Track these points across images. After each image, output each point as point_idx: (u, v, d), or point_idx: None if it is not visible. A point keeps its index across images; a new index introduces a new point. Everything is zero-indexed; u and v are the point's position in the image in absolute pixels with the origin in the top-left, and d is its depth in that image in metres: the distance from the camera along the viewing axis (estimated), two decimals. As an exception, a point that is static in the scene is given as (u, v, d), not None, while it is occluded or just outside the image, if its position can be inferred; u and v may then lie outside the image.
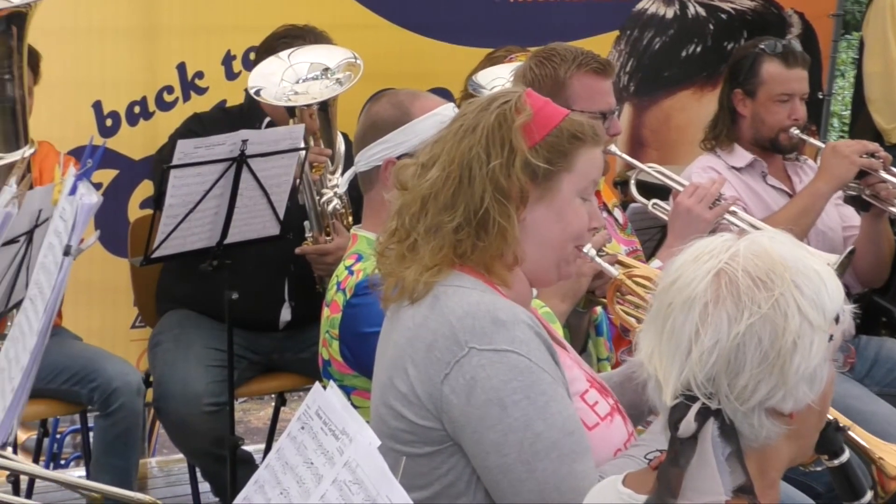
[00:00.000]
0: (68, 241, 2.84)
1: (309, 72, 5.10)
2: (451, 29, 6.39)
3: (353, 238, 3.75)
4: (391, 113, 3.70)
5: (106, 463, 5.00)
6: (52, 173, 4.32)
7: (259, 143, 4.62)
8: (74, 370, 4.96)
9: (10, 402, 2.79)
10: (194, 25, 6.00)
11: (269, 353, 5.40)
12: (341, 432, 2.14)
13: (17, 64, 4.58)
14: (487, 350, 2.70)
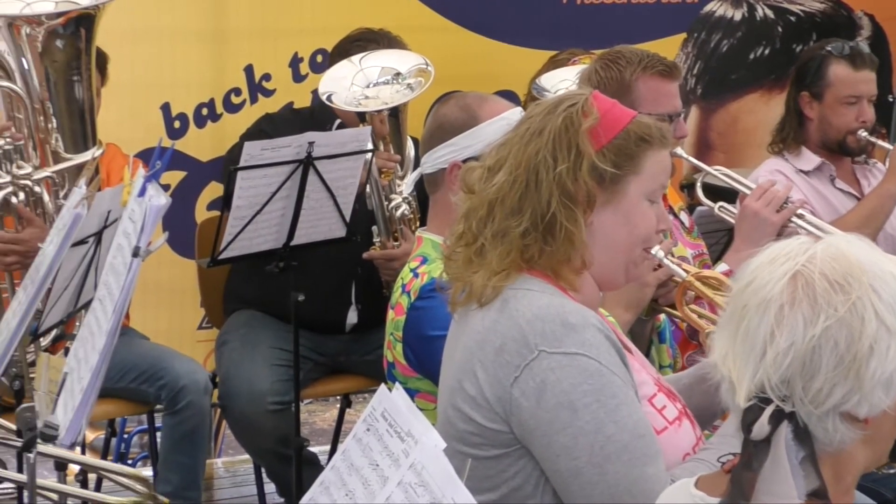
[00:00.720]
0: (137, 243, 2.85)
1: (380, 76, 5.11)
2: (517, 31, 6.38)
3: (418, 240, 3.75)
4: (458, 116, 3.70)
5: (173, 461, 5.03)
6: (121, 175, 4.34)
7: (326, 145, 4.63)
8: (142, 368, 5.00)
9: (80, 401, 2.81)
10: (262, 28, 6.02)
11: (335, 354, 5.42)
12: (407, 434, 2.14)
13: (85, 66, 4.62)
14: (557, 353, 2.69)
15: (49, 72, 4.58)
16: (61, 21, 4.54)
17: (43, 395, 3.04)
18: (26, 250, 4.44)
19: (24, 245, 4.51)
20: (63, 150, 4.63)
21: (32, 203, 4.59)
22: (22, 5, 4.54)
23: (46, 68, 4.57)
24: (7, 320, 3.59)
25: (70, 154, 4.65)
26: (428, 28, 6.18)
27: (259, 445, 5.24)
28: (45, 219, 4.57)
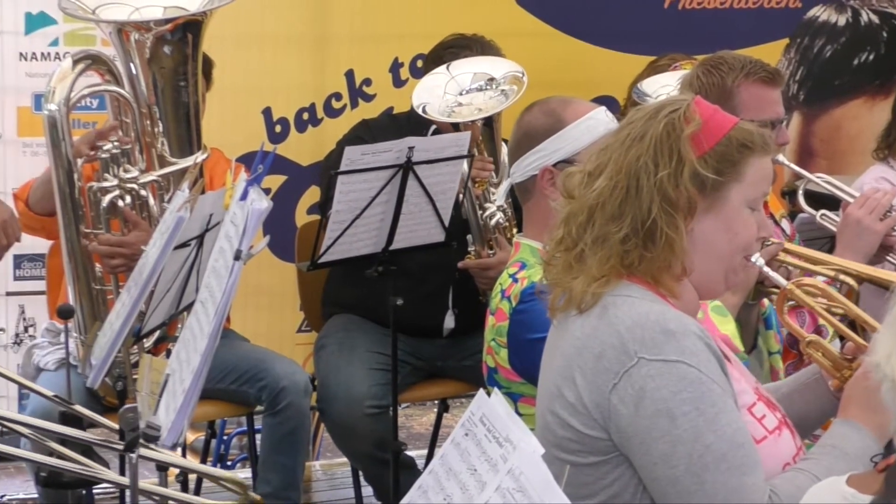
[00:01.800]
0: (239, 246, 2.87)
1: (472, 82, 5.12)
2: (618, 36, 6.36)
3: (515, 246, 3.76)
4: (544, 121, 3.71)
5: (273, 461, 5.06)
6: (223, 179, 4.38)
7: (425, 149, 4.64)
8: (243, 370, 5.03)
9: (181, 403, 2.84)
10: (363, 33, 6.06)
11: (432, 359, 5.43)
12: (505, 440, 2.14)
13: (191, 71, 4.67)
14: (657, 360, 2.68)
15: (156, 77, 4.64)
16: (169, 27, 4.60)
17: (145, 396, 3.07)
18: (131, 253, 4.50)
19: (129, 248, 4.57)
20: (169, 154, 4.69)
21: (138, 206, 4.65)
22: (130, 10, 4.61)
23: (154, 73, 4.63)
24: (111, 322, 3.63)
25: (175, 158, 4.71)
26: (527, 33, 6.18)
27: (357, 449, 5.27)
28: (149, 222, 4.63)
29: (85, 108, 5.39)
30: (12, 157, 5.77)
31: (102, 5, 4.64)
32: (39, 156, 5.55)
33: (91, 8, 4.66)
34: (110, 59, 4.66)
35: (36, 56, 5.73)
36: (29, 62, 5.73)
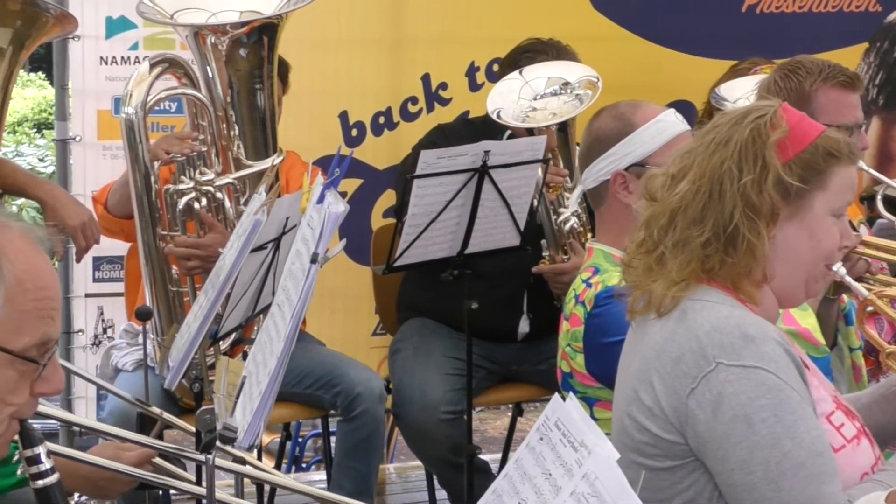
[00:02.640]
0: (315, 249, 2.89)
1: (547, 86, 5.11)
2: (696, 40, 6.32)
3: (588, 251, 3.75)
4: (613, 126, 3.70)
5: (347, 467, 5.08)
6: (300, 182, 4.41)
7: (501, 153, 4.64)
8: (318, 375, 5.05)
9: (257, 405, 2.85)
10: (440, 37, 6.07)
11: (507, 363, 5.42)
12: (580, 444, 2.13)
13: (267, 74, 4.70)
14: (735, 366, 2.66)
15: (232, 80, 4.68)
16: (245, 30, 4.64)
17: (222, 397, 3.09)
18: (207, 255, 4.53)
19: (205, 250, 4.60)
20: (244, 157, 4.72)
21: (214, 209, 4.69)
22: (207, 15, 4.64)
23: (230, 77, 4.67)
24: (188, 324, 3.66)
25: (251, 161, 4.74)
26: (604, 37, 6.17)
27: (431, 453, 5.27)
28: (225, 224, 4.66)
29: (162, 112, 5.44)
30: (92, 159, 5.83)
31: (180, 10, 4.68)
32: (119, 159, 5.59)
33: (169, 12, 4.71)
34: (187, 63, 4.70)
35: (116, 60, 5.79)
36: (109, 66, 5.79)
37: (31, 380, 2.09)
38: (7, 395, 2.07)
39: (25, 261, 2.08)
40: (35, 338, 2.07)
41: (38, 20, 4.48)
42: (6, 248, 2.06)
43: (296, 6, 4.66)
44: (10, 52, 4.45)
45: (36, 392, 2.11)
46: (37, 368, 2.08)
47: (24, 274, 2.06)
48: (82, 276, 5.90)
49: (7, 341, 2.04)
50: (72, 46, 5.75)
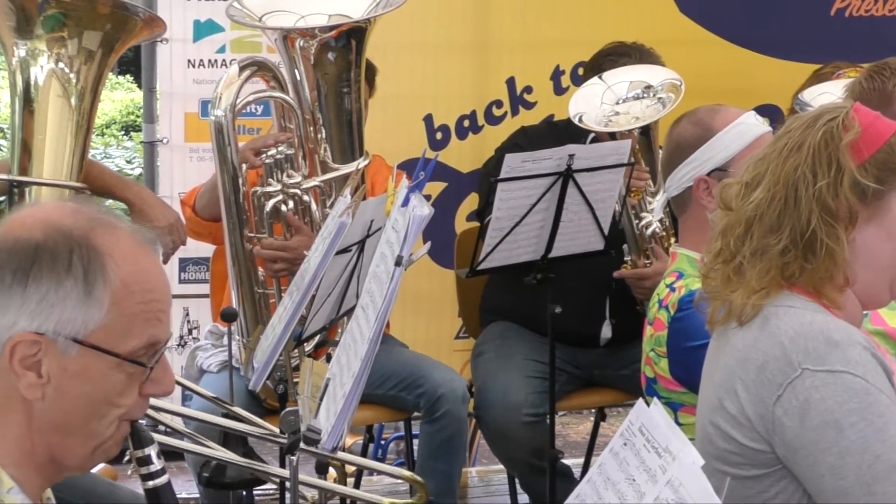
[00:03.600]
0: (400, 252, 2.89)
1: (629, 91, 5.09)
2: (784, 44, 6.28)
3: (672, 256, 3.74)
4: (693, 132, 3.69)
5: (430, 468, 5.08)
6: (384, 185, 4.41)
7: (586, 157, 4.63)
8: (402, 376, 5.07)
9: (341, 407, 2.86)
10: (525, 41, 6.07)
11: (589, 367, 5.41)
12: (664, 450, 2.12)
13: (355, 78, 4.73)
14: (821, 371, 2.64)
15: (320, 83, 4.70)
16: (333, 34, 4.66)
17: (306, 399, 3.11)
18: (293, 258, 4.56)
19: (291, 252, 4.63)
20: (331, 160, 4.75)
21: (300, 211, 4.72)
22: (296, 17, 4.67)
23: (318, 80, 4.69)
24: (273, 325, 3.68)
25: (337, 164, 4.76)
26: (689, 41, 6.14)
27: (513, 456, 5.27)
28: (311, 227, 4.68)
29: (250, 115, 5.49)
30: (179, 161, 5.89)
31: (269, 13, 4.72)
32: (205, 161, 5.65)
33: (258, 15, 4.74)
34: (275, 66, 4.73)
35: (203, 63, 5.84)
36: (196, 69, 5.85)
37: (140, 382, 2.10)
38: (116, 398, 2.08)
39: (132, 263, 2.08)
40: (143, 340, 2.08)
41: (126, 23, 4.53)
42: (112, 251, 2.06)
43: (385, 10, 4.68)
44: (100, 55, 4.50)
45: (145, 393, 2.12)
46: (145, 371, 2.10)
47: (130, 276, 2.07)
48: (168, 278, 5.95)
49: (115, 345, 2.06)
50: (160, 49, 5.81)
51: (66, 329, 2.03)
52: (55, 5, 4.42)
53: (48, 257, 2.03)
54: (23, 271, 2.03)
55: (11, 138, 4.69)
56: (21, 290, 2.02)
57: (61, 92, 4.49)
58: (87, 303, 2.04)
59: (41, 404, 2.05)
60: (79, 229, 2.07)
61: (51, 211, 2.11)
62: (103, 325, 2.05)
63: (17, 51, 4.48)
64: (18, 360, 2.03)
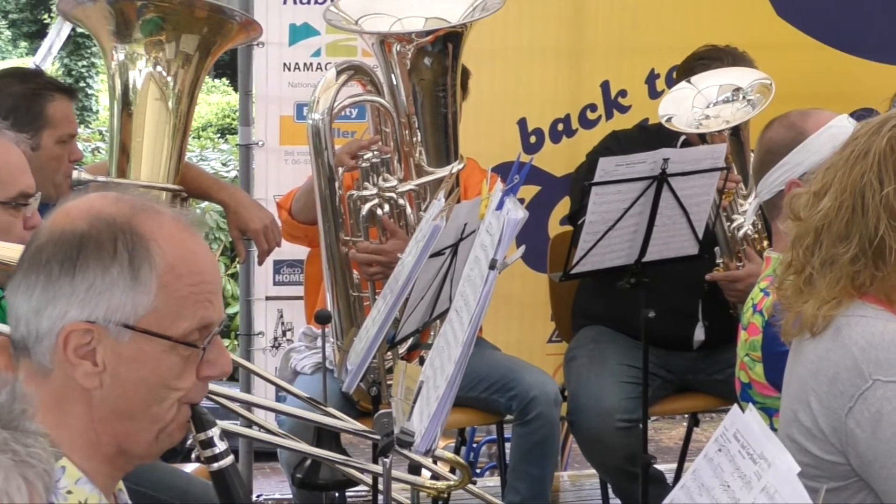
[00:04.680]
0: (494, 255, 2.89)
1: (719, 94, 5.06)
2: (880, 47, 6.20)
3: (766, 260, 3.72)
4: (785, 135, 3.66)
5: (522, 471, 5.09)
6: (478, 188, 4.42)
7: (680, 161, 4.61)
8: (494, 379, 5.07)
9: (435, 410, 2.87)
10: (620, 44, 6.05)
11: (682, 372, 5.38)
12: (759, 456, 2.11)
13: (450, 82, 4.74)
14: (893, 382, 2.61)
15: (416, 88, 4.72)
16: (430, 38, 4.68)
17: (399, 402, 3.12)
18: (388, 261, 4.57)
19: (386, 256, 4.65)
20: (426, 163, 4.76)
21: (396, 215, 4.73)
22: (392, 20, 4.69)
23: (414, 84, 4.71)
24: (367, 328, 3.70)
25: (432, 167, 4.78)
26: (787, 45, 6.08)
27: (606, 461, 5.25)
28: (407, 230, 4.70)
29: (345, 118, 5.51)
30: (274, 164, 5.93)
31: (365, 16, 4.74)
32: (300, 164, 5.69)
33: (354, 19, 4.77)
34: (372, 70, 4.75)
35: (299, 66, 5.88)
36: (292, 72, 5.88)
37: (195, 364, 2.11)
38: (173, 381, 2.09)
39: (178, 246, 2.09)
40: (194, 322, 2.09)
41: (223, 27, 4.57)
42: (156, 235, 2.08)
43: (482, 15, 4.69)
44: (197, 58, 4.55)
45: (203, 376, 2.13)
46: (199, 353, 2.11)
47: (176, 259, 2.08)
48: (263, 279, 6.01)
49: (166, 328, 2.07)
50: (256, 53, 5.86)
51: (116, 315, 2.04)
52: (154, 9, 4.47)
53: (93, 246, 2.05)
54: (69, 261, 2.04)
55: (110, 141, 4.75)
56: (69, 281, 2.04)
57: (159, 95, 4.54)
58: (134, 288, 2.05)
59: (100, 392, 2.07)
60: (122, 216, 2.08)
61: (94, 201, 2.12)
62: (153, 309, 2.06)
63: (116, 54, 4.54)
64: (73, 350, 2.05)
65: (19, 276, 2.08)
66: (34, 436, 1.31)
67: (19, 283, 2.07)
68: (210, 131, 16.63)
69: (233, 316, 9.53)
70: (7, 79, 4.61)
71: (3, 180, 3.35)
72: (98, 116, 21.63)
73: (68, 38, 19.41)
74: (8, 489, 1.25)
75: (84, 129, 16.32)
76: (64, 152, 4.48)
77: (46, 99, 4.45)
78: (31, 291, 2.05)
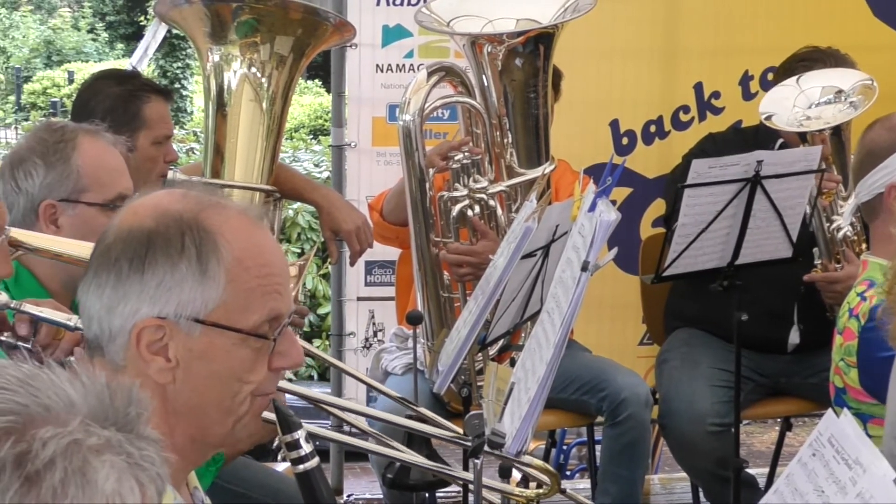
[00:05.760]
0: (586, 257, 2.89)
1: (821, 96, 5.01)
2: None
3: (863, 264, 3.69)
4: (886, 137, 3.63)
5: (612, 472, 5.07)
6: (570, 190, 4.42)
7: (774, 163, 4.57)
8: (585, 380, 5.05)
9: (526, 411, 2.87)
10: (713, 46, 6.01)
11: (776, 375, 5.34)
12: (854, 462, 2.09)
13: (542, 83, 4.74)
14: None
15: (507, 89, 4.72)
16: (521, 40, 4.68)
17: (490, 403, 3.12)
18: (479, 262, 4.58)
19: (477, 257, 4.65)
20: (517, 165, 4.76)
21: (486, 216, 4.74)
22: (483, 22, 4.70)
23: (505, 86, 4.72)
24: (458, 329, 3.71)
25: (523, 169, 4.78)
26: (885, 46, 6.00)
27: (697, 465, 5.22)
28: (497, 232, 4.70)
29: (436, 119, 5.52)
30: (366, 165, 5.96)
31: (457, 18, 4.75)
32: (392, 165, 5.71)
33: (446, 20, 4.78)
34: (463, 71, 4.76)
35: (391, 68, 5.90)
36: (384, 73, 5.91)
37: (266, 356, 2.12)
38: (245, 374, 2.11)
39: (244, 239, 2.11)
40: (263, 314, 2.10)
41: (317, 29, 4.60)
42: (223, 229, 2.09)
43: (574, 16, 4.68)
44: (291, 59, 4.58)
45: (274, 367, 2.14)
46: (269, 344, 2.12)
47: (244, 252, 2.09)
48: (355, 280, 6.04)
49: (236, 321, 2.08)
50: (349, 54, 5.89)
51: (186, 310, 2.06)
52: (249, 11, 4.51)
53: (161, 242, 2.07)
54: (138, 259, 2.06)
55: (205, 142, 4.80)
56: (139, 278, 2.06)
57: (253, 96, 4.58)
58: (203, 282, 2.06)
59: (173, 387, 2.09)
60: (188, 212, 2.10)
61: (160, 198, 2.15)
62: (222, 303, 2.07)
63: (211, 56, 4.58)
64: (146, 346, 2.07)
65: (90, 276, 2.10)
66: (148, 440, 1.34)
67: (90, 283, 2.10)
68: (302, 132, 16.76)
69: (324, 316, 9.61)
70: (104, 80, 4.67)
71: (102, 182, 3.40)
72: (192, 117, 21.88)
73: (164, 39, 19.65)
74: (121, 490, 1.27)
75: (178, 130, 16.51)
76: (159, 153, 4.53)
77: (143, 100, 4.50)
78: (101, 290, 2.07)
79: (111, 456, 1.27)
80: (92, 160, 3.41)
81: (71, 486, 1.23)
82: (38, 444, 1.23)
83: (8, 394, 1.27)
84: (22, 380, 1.29)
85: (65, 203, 3.38)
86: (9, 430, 1.24)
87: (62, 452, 1.24)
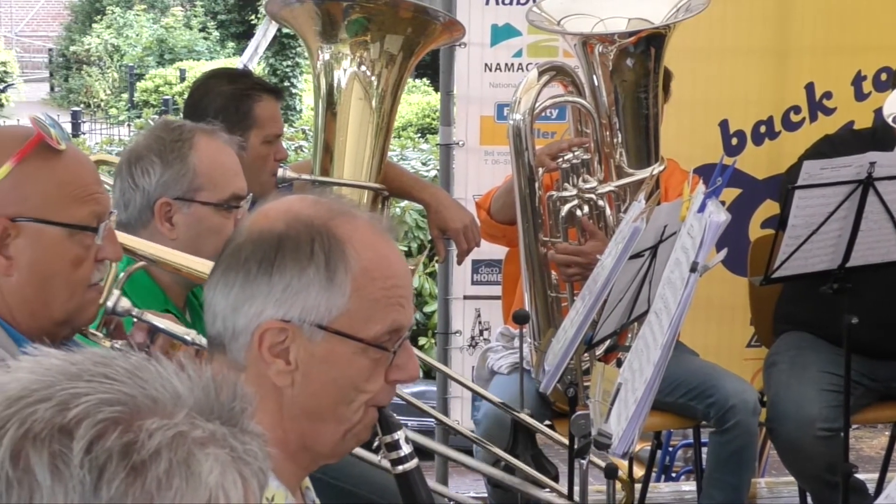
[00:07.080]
0: (695, 258, 2.88)
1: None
2: None
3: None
4: None
5: (718, 479, 5.03)
6: (679, 190, 4.39)
7: (888, 165, 4.51)
8: (692, 385, 5.02)
9: (633, 412, 2.87)
10: (825, 45, 5.95)
11: (887, 380, 5.27)
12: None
13: (652, 84, 4.71)
14: None
15: (618, 89, 4.70)
16: (632, 40, 4.66)
17: (597, 403, 3.11)
18: (587, 262, 4.56)
19: (585, 257, 4.63)
20: (626, 165, 4.74)
21: (595, 216, 4.72)
22: (595, 21, 4.68)
23: (615, 86, 4.70)
24: (565, 329, 3.71)
25: (632, 169, 4.75)
26: None
27: (805, 470, 5.16)
28: (605, 232, 4.68)
29: (546, 119, 5.51)
30: (474, 164, 5.96)
31: (567, 17, 4.74)
32: (500, 164, 5.71)
33: (556, 19, 4.77)
34: (573, 71, 4.74)
35: (500, 67, 5.91)
36: (493, 73, 5.91)
37: (384, 367, 2.13)
38: (362, 383, 2.12)
39: (372, 250, 2.11)
40: (385, 326, 2.10)
41: (427, 28, 4.61)
42: (352, 239, 2.10)
43: (686, 15, 4.65)
44: (400, 58, 4.60)
45: (391, 379, 2.14)
46: (388, 356, 2.13)
47: (371, 263, 2.10)
48: (461, 279, 6.05)
49: (358, 330, 2.09)
50: (458, 53, 5.90)
51: (310, 315, 2.07)
52: (359, 10, 4.53)
53: (291, 246, 2.08)
54: (267, 261, 2.08)
55: (314, 140, 4.84)
56: (266, 280, 2.07)
57: (362, 95, 4.60)
58: (329, 289, 2.07)
59: (290, 391, 2.10)
60: (319, 219, 2.11)
61: (292, 203, 2.16)
62: (346, 311, 2.08)
63: (321, 54, 4.61)
64: (267, 348, 2.08)
65: (218, 274, 2.12)
66: (252, 434, 1.35)
67: (217, 281, 2.12)
68: (410, 131, 16.81)
69: (430, 314, 9.63)
70: (216, 79, 4.71)
71: (216, 182, 3.43)
72: (301, 115, 22.02)
73: (274, 38, 19.82)
74: (224, 483, 1.28)
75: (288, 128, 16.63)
76: (270, 152, 4.57)
77: (254, 99, 4.54)
78: (229, 289, 2.09)
79: (215, 449, 1.28)
80: (208, 160, 3.45)
81: (175, 478, 1.24)
82: (144, 434, 1.25)
83: (116, 384, 1.28)
84: (130, 371, 1.30)
85: (180, 201, 3.41)
86: (116, 420, 1.25)
87: (168, 444, 1.25)
